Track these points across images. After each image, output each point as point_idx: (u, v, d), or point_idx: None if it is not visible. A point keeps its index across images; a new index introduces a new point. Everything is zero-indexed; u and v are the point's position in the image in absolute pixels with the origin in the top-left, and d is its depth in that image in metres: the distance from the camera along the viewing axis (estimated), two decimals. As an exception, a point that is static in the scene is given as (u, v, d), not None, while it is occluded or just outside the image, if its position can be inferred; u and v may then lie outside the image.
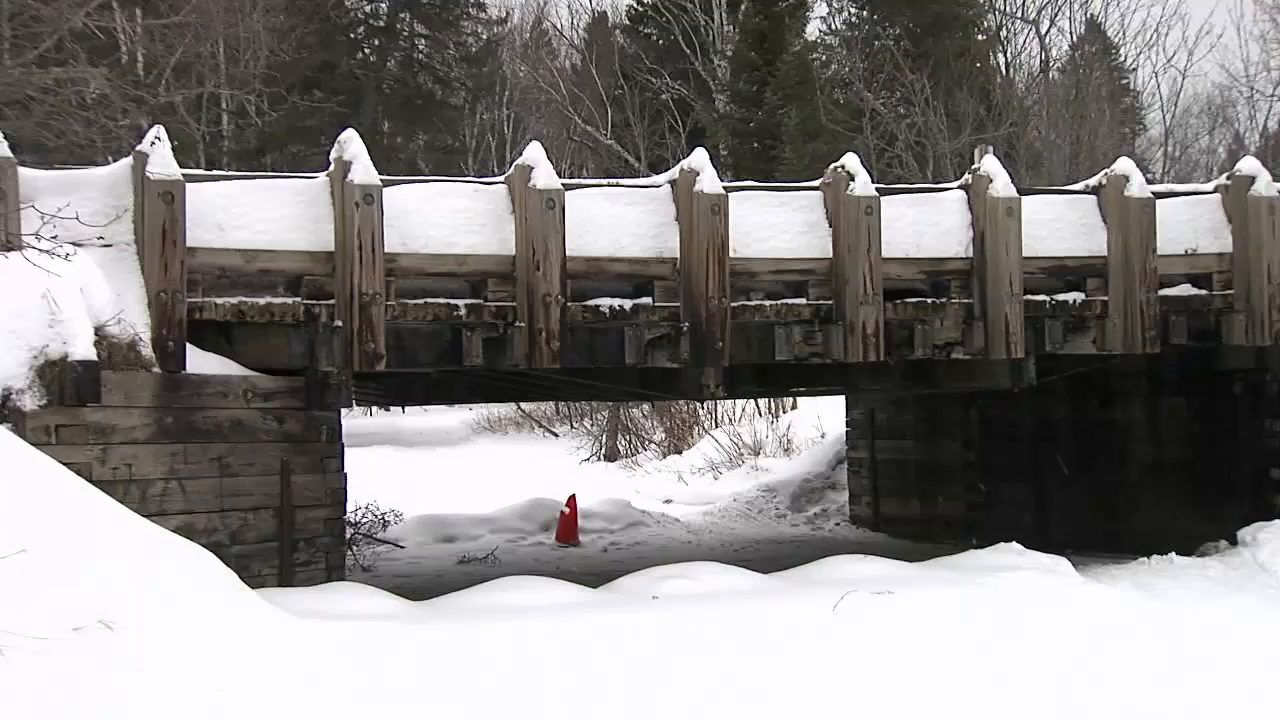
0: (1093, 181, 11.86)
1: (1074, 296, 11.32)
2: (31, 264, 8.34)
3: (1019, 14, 33.00)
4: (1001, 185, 10.98)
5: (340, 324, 9.47)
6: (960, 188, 11.32)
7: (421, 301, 9.81)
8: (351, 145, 9.69)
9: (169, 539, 7.51)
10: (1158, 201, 11.42)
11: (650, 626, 7.97)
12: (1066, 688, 7.19)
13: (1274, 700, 7.21)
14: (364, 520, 15.18)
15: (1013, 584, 9.15)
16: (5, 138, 9.00)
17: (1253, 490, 12.08)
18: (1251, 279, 11.51)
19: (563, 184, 10.07)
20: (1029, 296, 11.02)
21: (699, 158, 10.54)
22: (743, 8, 35.87)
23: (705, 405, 24.48)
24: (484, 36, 44.43)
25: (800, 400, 23.05)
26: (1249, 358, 12.01)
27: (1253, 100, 35.32)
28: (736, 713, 6.63)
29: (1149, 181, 11.78)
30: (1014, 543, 10.55)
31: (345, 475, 9.99)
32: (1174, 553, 11.20)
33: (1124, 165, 11.64)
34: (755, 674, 7.18)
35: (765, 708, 6.71)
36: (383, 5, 41.99)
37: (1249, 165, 11.99)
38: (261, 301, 9.53)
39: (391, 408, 23.72)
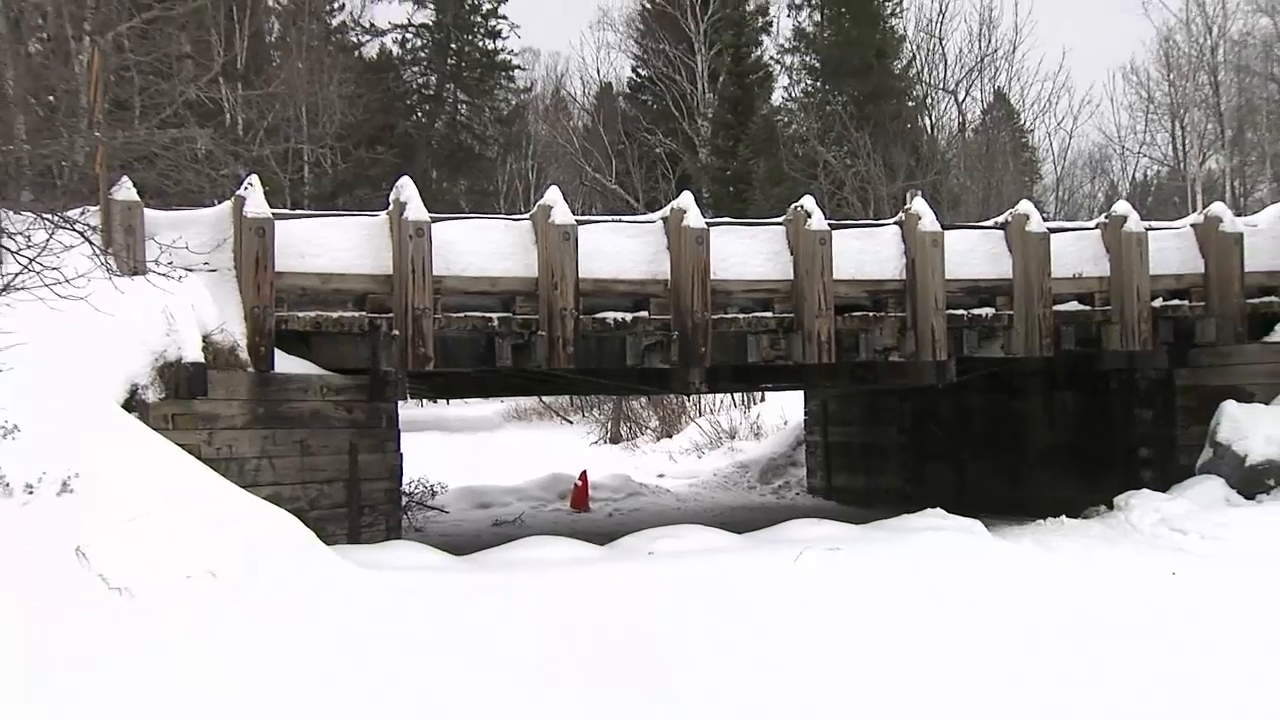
0: (1000, 219, 11.87)
1: (986, 311, 11.33)
2: (153, 285, 8.36)
3: (941, 85, 33.11)
4: (928, 222, 10.99)
5: (397, 333, 9.49)
6: (895, 224, 11.33)
7: (462, 315, 9.83)
8: (406, 189, 9.72)
9: (261, 505, 7.53)
10: (1051, 235, 11.44)
11: (646, 576, 7.99)
12: (977, 616, 7.22)
13: (1132, 616, 7.35)
14: (416, 490, 15.19)
15: (937, 541, 9.16)
16: (134, 186, 9.05)
17: (1125, 465, 12.10)
18: (1124, 298, 11.53)
19: (576, 220, 10.10)
20: (951, 311, 11.02)
21: (686, 199, 10.57)
22: (720, 79, 35.89)
23: (691, 398, 24.46)
24: (513, 102, 44.51)
25: (768, 394, 23.05)
26: (1123, 360, 12.05)
27: (1124, 156, 35.83)
28: (715, 639, 6.65)
29: (1044, 219, 11.79)
30: (938, 509, 10.53)
31: (401, 454, 10.00)
32: (1064, 516, 11.19)
33: (1025, 206, 11.68)
34: (731, 612, 7.20)
35: (738, 635, 6.73)
36: (432, 78, 42.09)
37: (1122, 207, 12.02)
38: (334, 315, 9.56)
39: (438, 400, 23.69)
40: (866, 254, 11.01)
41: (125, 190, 8.92)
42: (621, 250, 10.32)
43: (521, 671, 6.04)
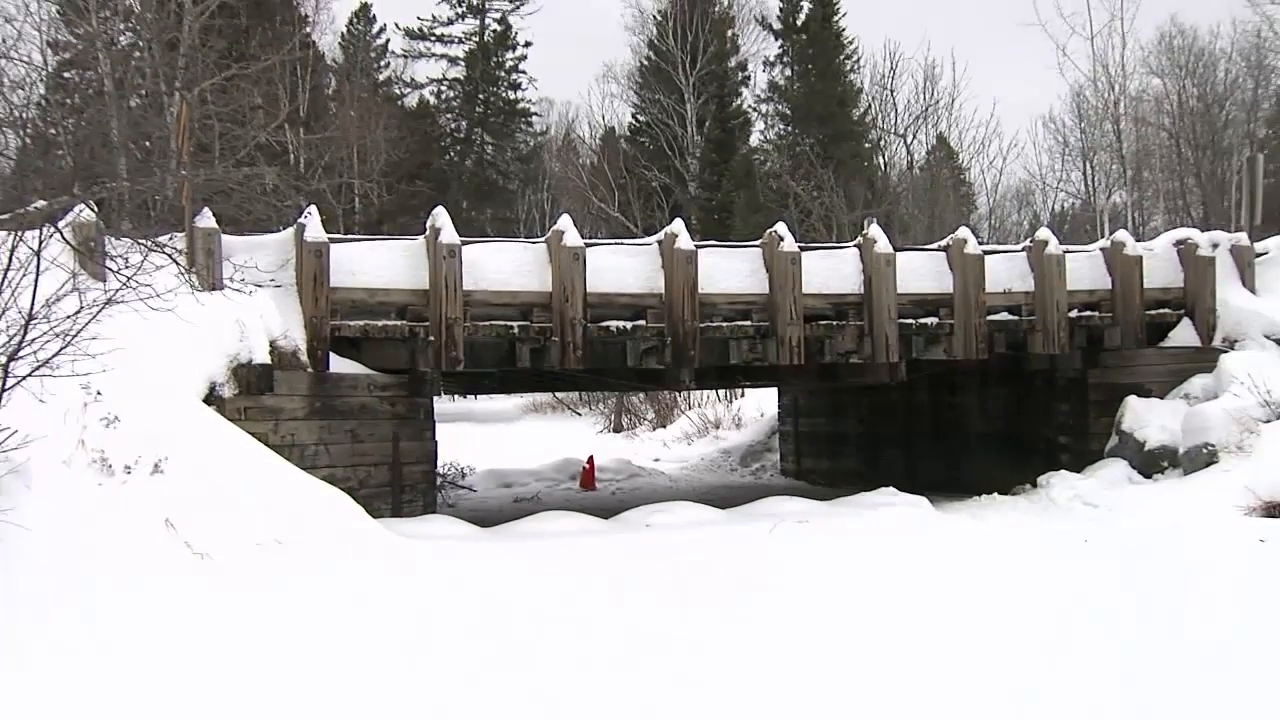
0: (943, 243, 11.87)
1: (931, 320, 11.33)
2: (228, 299, 8.41)
3: (893, 130, 33.14)
4: (882, 245, 11.01)
5: (432, 339, 9.50)
6: (855, 246, 11.33)
7: (488, 323, 9.82)
8: (441, 217, 9.73)
9: (318, 484, 7.56)
10: (986, 257, 11.46)
11: (644, 544, 8.02)
12: (923, 572, 7.27)
13: (1041, 565, 7.48)
14: (449, 472, 15.11)
15: (890, 514, 9.19)
16: (213, 215, 9.10)
17: (1046, 451, 12.11)
18: (1047, 309, 11.57)
19: (584, 243, 10.09)
20: (902, 320, 11.03)
21: (677, 225, 10.58)
22: (706, 124, 35.89)
23: (682, 394, 24.39)
24: (531, 143, 44.46)
25: (747, 390, 22.96)
26: (1045, 362, 12.06)
27: (1044, 190, 35.98)
28: (699, 593, 6.69)
29: (980, 243, 11.82)
30: (890, 487, 10.55)
31: (436, 442, 9.98)
32: (996, 493, 11.20)
33: (963, 232, 11.70)
34: (714, 572, 7.24)
35: (718, 590, 6.77)
36: (463, 123, 42.12)
37: (1043, 233, 12.03)
38: (379, 323, 9.57)
39: (467, 395, 23.64)
40: (830, 272, 11.01)
41: (206, 219, 8.96)
42: (623, 268, 10.33)
43: (542, 624, 6.07)
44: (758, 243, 11.06)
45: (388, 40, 40.72)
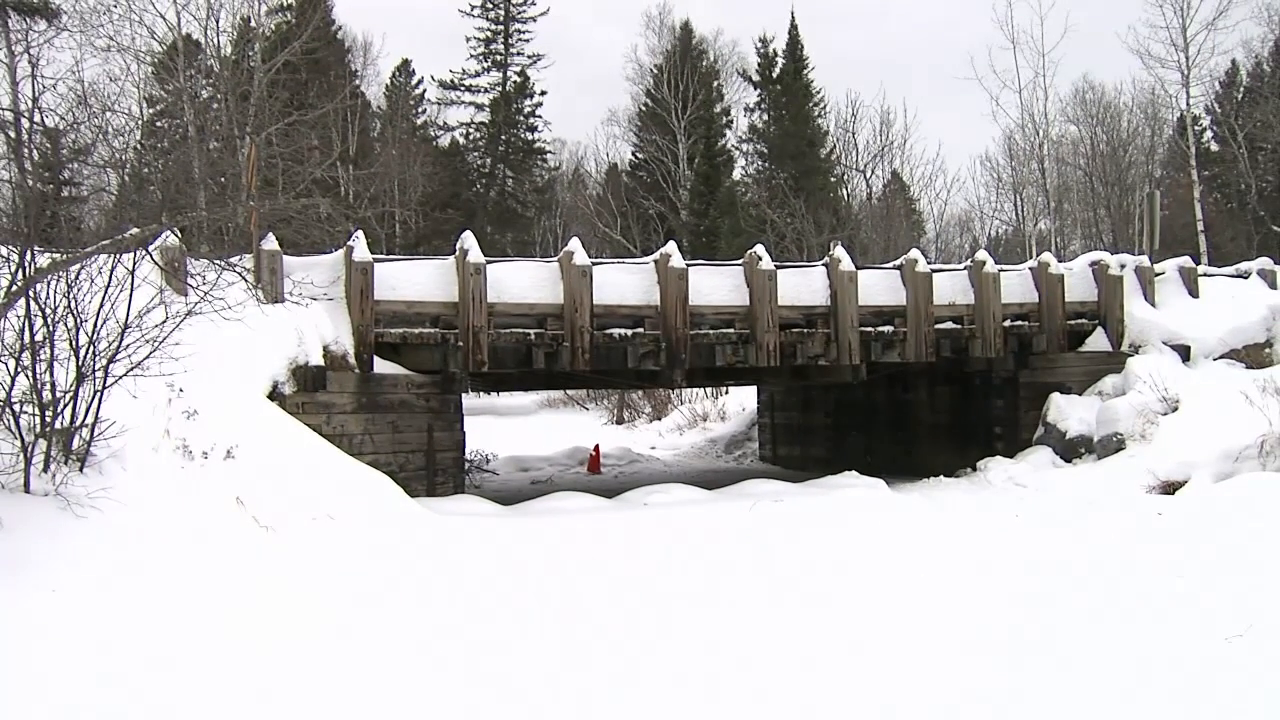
0: (897, 262, 11.93)
1: (887, 328, 11.37)
2: (288, 310, 8.45)
3: (854, 166, 33.29)
4: (846, 263, 11.07)
5: (461, 344, 9.54)
6: (823, 265, 11.38)
7: (508, 330, 9.85)
8: (468, 240, 9.77)
9: (364, 469, 7.62)
10: (934, 274, 11.53)
11: (642, 519, 8.06)
12: (879, 539, 7.32)
13: (979, 533, 7.59)
14: (475, 458, 15.14)
15: (852, 494, 9.23)
16: (277, 239, 9.15)
17: (983, 439, 12.17)
18: (984, 319, 11.63)
19: (591, 262, 10.13)
20: (863, 328, 11.08)
21: (671, 247, 10.63)
22: (696, 161, 35.93)
23: (675, 391, 24.34)
24: (546, 177, 44.48)
25: (731, 388, 22.93)
26: (983, 364, 12.11)
27: (982, 218, 36.33)
28: (689, 557, 6.74)
29: (928, 263, 11.89)
30: (853, 471, 10.59)
31: (464, 432, 10.02)
32: (942, 475, 11.27)
33: (914, 254, 11.78)
34: (702, 541, 7.29)
35: (706, 555, 6.82)
36: (488, 160, 42.18)
37: (982, 255, 12.14)
38: (416, 331, 9.60)
39: (491, 392, 23.57)
40: (802, 287, 11.06)
41: (270, 243, 9.01)
42: (624, 284, 10.35)
43: (557, 582, 6.12)
44: (739, 262, 11.10)
45: (424, 90, 40.80)
